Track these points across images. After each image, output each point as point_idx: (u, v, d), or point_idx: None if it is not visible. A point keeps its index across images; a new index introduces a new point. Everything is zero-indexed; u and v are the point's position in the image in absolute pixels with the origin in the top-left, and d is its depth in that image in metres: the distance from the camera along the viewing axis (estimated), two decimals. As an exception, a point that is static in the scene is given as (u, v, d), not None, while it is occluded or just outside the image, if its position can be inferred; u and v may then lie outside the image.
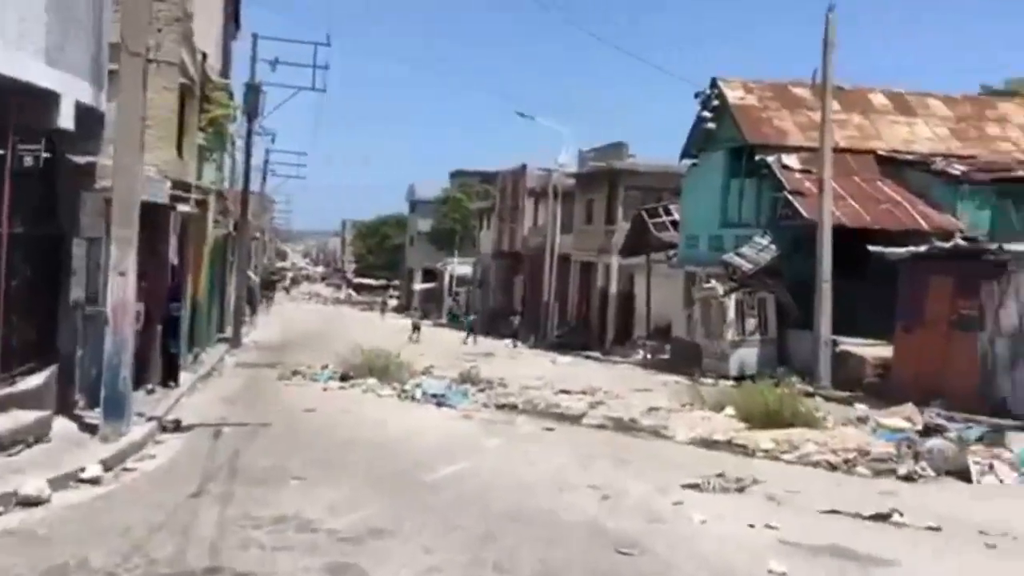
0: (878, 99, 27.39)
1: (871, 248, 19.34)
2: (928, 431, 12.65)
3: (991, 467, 10.55)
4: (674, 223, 31.95)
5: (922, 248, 18.00)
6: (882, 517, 7.96)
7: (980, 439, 11.93)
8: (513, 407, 15.88)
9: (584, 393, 18.04)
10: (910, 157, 25.11)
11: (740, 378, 22.27)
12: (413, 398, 16.52)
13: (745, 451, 11.97)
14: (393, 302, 71.21)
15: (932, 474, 10.64)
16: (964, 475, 10.53)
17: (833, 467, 11.06)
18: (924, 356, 17.85)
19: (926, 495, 9.62)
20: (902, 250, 18.49)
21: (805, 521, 7.96)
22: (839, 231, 21.11)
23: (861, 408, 17.39)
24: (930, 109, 27.63)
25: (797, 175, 23.91)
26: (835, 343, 20.95)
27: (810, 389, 20.33)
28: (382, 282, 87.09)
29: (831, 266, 20.72)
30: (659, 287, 33.44)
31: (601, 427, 13.98)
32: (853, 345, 21.07)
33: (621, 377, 23.44)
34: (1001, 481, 10.33)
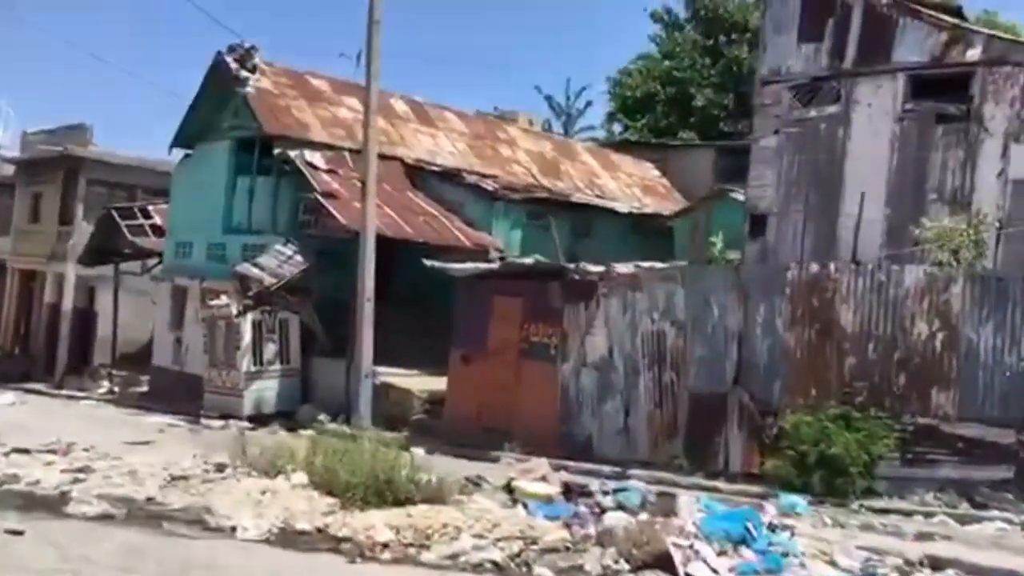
0: (399, 105, 25.01)
1: (428, 262, 16.47)
2: (569, 493, 9.79)
3: (695, 551, 7.85)
4: (156, 228, 26.31)
5: (494, 264, 15.52)
6: None
7: (643, 505, 9.33)
8: (-62, 488, 9.82)
9: (55, 452, 12.31)
10: (436, 169, 23.08)
11: (256, 418, 18.05)
12: None
13: (359, 550, 7.88)
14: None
15: (627, 567, 7.64)
16: (665, 564, 7.68)
17: (501, 569, 7.52)
18: (488, 390, 15.33)
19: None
20: (468, 265, 15.86)
21: None
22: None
23: (419, 454, 14.37)
24: (448, 123, 26.05)
25: (325, 176, 20.35)
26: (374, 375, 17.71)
27: (346, 430, 16.91)
28: None
29: (374, 283, 17.47)
30: (130, 304, 27.49)
31: (105, 518, 8.76)
32: (395, 376, 18.00)
33: (94, 421, 17.52)
34: (715, 572, 7.65)
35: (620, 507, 9.19)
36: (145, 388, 24.15)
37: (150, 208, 27.12)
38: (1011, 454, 10.95)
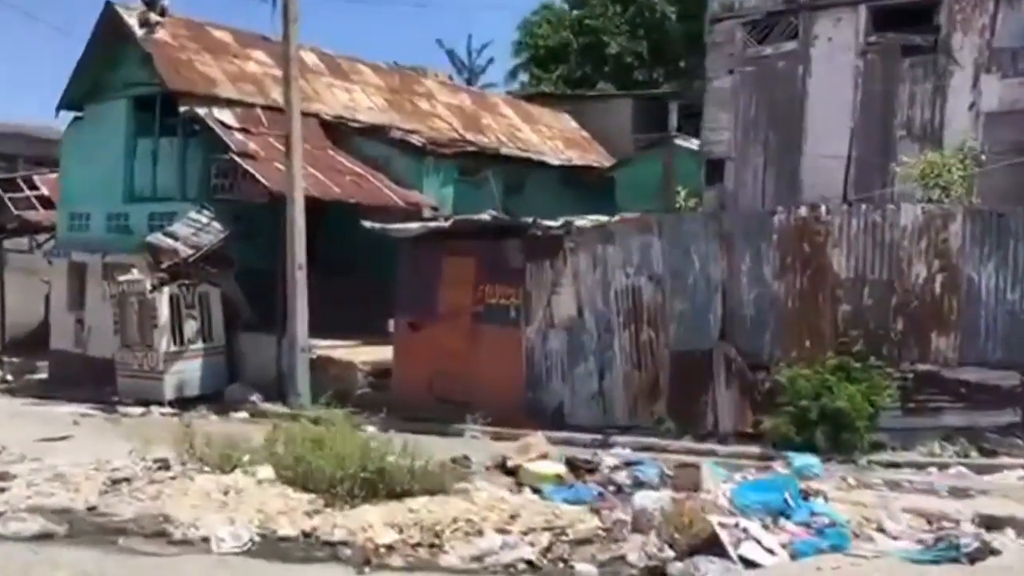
0: (310, 58, 23.20)
1: (368, 224, 15.12)
2: (576, 471, 8.82)
3: (743, 530, 6.98)
4: (44, 200, 24.06)
5: (444, 223, 14.29)
6: None
7: (662, 479, 8.43)
8: None
9: (-40, 457, 10.66)
10: (357, 125, 21.58)
11: (179, 402, 16.46)
12: None
13: (364, 557, 6.73)
14: None
15: (672, 555, 6.72)
16: (713, 547, 6.78)
17: (536, 569, 6.50)
18: (440, 359, 14.20)
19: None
20: (414, 225, 14.61)
21: None
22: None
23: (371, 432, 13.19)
24: (363, 76, 24.43)
25: (238, 135, 18.66)
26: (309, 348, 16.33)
27: (283, 409, 15.57)
28: None
29: (305, 249, 16.08)
30: (17, 284, 25.25)
31: (46, 537, 7.34)
32: (332, 349, 16.66)
33: (-6, 416, 15.64)
34: (771, 552, 6.80)
35: (637, 483, 8.26)
36: (44, 375, 22.08)
37: (36, 178, 24.84)
38: (1016, 397, 10.49)
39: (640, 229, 12.24)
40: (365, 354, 16.54)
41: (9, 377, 22.90)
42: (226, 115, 19.06)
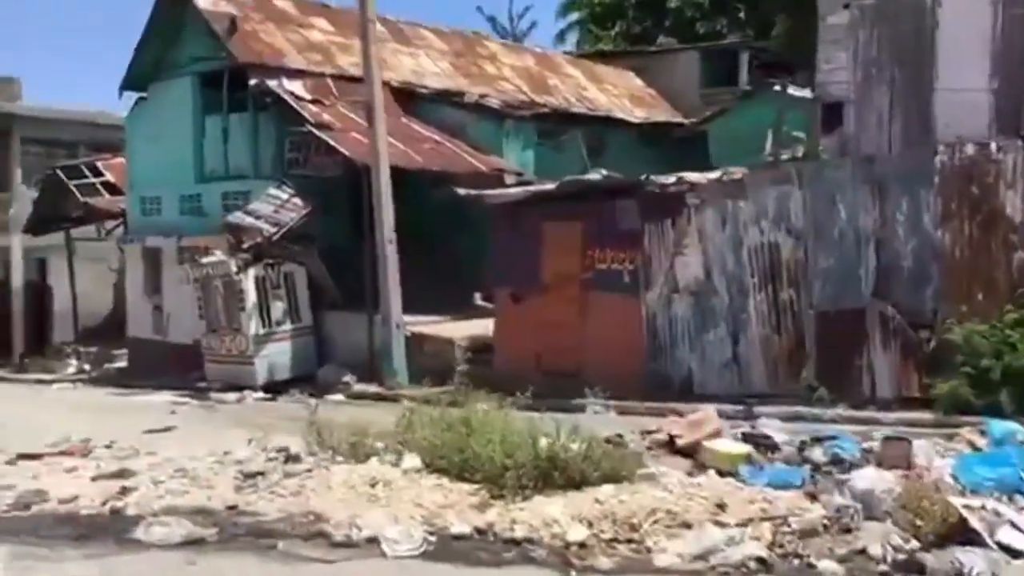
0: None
1: (461, 191, 14.25)
2: (756, 445, 7.90)
3: (995, 512, 6.02)
4: (110, 186, 23.52)
5: (547, 186, 13.34)
6: None
7: (865, 453, 7.48)
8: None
9: (70, 454, 10.02)
10: (426, 91, 20.67)
11: (271, 387, 15.80)
12: None
13: (561, 557, 5.87)
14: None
15: (918, 545, 5.78)
16: (962, 534, 5.83)
17: (769, 568, 5.60)
18: (547, 330, 13.33)
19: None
20: (515, 190, 13.69)
21: None
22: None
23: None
24: (427, 41, 23.49)
25: (311, 107, 17.85)
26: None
27: (379, 390, 14.88)
28: None
29: (392, 223, 15.27)
30: (87, 273, 24.87)
31: (196, 543, 6.56)
32: (422, 325, 15.85)
33: (83, 407, 15.01)
34: (1034, 540, 5.83)
35: (834, 461, 7.32)
36: (122, 364, 21.64)
37: (99, 164, 24.27)
38: None
39: (776, 180, 11.21)
40: (455, 329, 15.74)
41: (87, 367, 22.49)
42: (297, 86, 18.28)
